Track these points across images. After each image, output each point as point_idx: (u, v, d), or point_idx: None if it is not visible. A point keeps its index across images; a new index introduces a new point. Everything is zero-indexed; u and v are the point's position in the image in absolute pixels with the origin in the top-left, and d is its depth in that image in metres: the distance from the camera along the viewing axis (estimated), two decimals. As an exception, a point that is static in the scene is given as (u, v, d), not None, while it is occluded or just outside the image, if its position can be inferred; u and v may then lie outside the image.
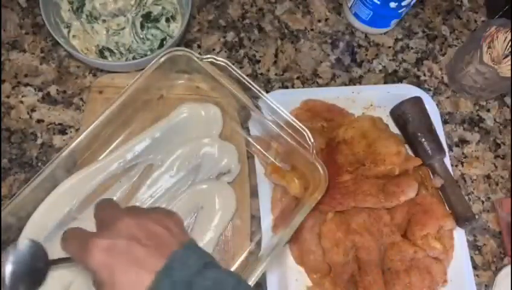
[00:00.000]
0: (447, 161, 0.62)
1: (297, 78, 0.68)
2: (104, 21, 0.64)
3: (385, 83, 0.69)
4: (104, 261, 0.35)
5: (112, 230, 0.37)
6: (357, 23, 0.70)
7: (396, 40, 0.72)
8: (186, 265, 0.35)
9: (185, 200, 0.55)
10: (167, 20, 0.65)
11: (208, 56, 0.53)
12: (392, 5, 0.63)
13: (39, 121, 0.62)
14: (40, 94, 0.63)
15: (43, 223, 0.51)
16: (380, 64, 0.70)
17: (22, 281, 0.47)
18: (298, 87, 0.67)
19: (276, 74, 0.68)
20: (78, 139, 0.50)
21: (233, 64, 0.53)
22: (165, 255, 0.35)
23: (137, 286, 0.34)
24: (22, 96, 0.63)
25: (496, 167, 0.66)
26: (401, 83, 0.69)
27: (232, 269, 0.54)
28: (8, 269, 0.46)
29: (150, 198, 0.55)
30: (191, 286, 0.34)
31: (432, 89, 0.69)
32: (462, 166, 0.66)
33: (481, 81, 0.64)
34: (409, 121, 0.61)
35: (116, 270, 0.35)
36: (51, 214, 0.52)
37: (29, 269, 0.47)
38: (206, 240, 0.54)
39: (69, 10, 0.64)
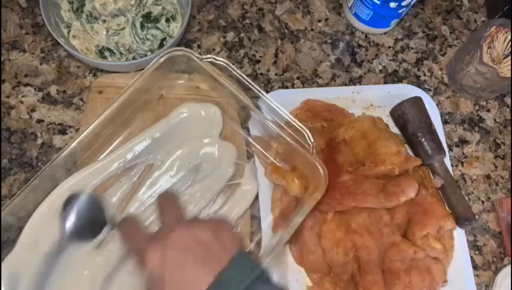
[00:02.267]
0: (447, 161, 0.62)
1: (297, 78, 0.68)
2: (104, 21, 0.64)
3: (385, 83, 0.69)
4: (157, 272, 0.36)
5: (167, 239, 0.38)
6: (357, 23, 0.70)
7: (396, 40, 0.72)
8: (237, 279, 0.35)
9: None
10: (167, 20, 0.65)
11: (208, 56, 0.52)
12: (392, 5, 0.63)
13: (39, 121, 0.62)
14: (40, 94, 0.63)
15: (44, 223, 0.51)
16: (380, 64, 0.70)
17: (81, 230, 0.48)
18: (298, 87, 0.67)
19: (276, 74, 0.68)
20: (78, 139, 0.50)
21: (233, 64, 0.53)
22: (215, 269, 0.35)
23: None
24: (22, 96, 0.63)
25: (496, 167, 0.66)
26: (401, 83, 0.69)
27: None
28: (71, 218, 0.48)
29: (150, 198, 0.55)
30: None
31: (432, 89, 0.69)
32: (462, 166, 0.66)
33: (481, 81, 0.64)
34: (409, 121, 0.61)
35: (167, 282, 0.36)
36: (51, 214, 0.51)
37: (88, 220, 0.49)
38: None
39: (69, 10, 0.64)
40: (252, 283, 0.35)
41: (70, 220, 0.48)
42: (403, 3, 0.63)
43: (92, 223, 0.50)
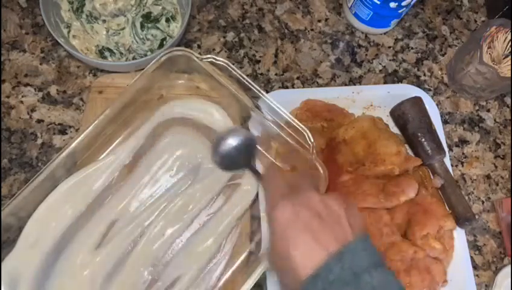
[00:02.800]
0: (447, 161, 0.62)
1: (297, 78, 0.68)
2: (104, 21, 0.64)
3: (385, 83, 0.69)
4: (285, 225, 0.37)
5: (298, 198, 0.39)
6: (357, 23, 0.70)
7: (396, 40, 0.72)
8: (358, 257, 0.36)
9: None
10: (167, 20, 0.65)
11: (208, 56, 0.53)
12: (392, 5, 0.63)
13: (39, 121, 0.62)
14: (40, 94, 0.63)
15: (44, 223, 0.51)
16: (380, 64, 0.70)
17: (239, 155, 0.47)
18: (298, 87, 0.67)
19: (276, 74, 0.68)
20: (78, 139, 0.50)
21: (233, 64, 0.53)
22: (340, 240, 0.36)
23: (309, 258, 0.35)
24: (22, 96, 0.63)
25: (496, 167, 0.66)
26: (401, 83, 0.69)
27: (232, 269, 0.54)
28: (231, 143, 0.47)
29: (150, 198, 0.55)
30: (358, 279, 0.34)
31: (432, 89, 0.69)
32: (462, 166, 0.66)
33: (481, 81, 0.64)
34: (409, 121, 0.61)
35: (293, 236, 0.37)
36: (51, 214, 0.52)
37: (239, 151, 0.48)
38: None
39: (69, 10, 0.64)
40: (372, 266, 0.36)
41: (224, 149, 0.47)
42: (403, 3, 0.63)
43: (240, 156, 0.48)
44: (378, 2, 0.63)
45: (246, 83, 0.52)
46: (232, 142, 0.46)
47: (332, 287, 0.34)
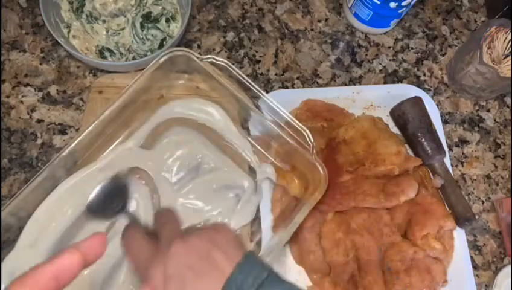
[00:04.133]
0: (447, 161, 0.62)
1: (297, 78, 0.68)
2: (104, 21, 0.64)
3: (385, 83, 0.69)
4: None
5: (166, 256, 0.36)
6: (357, 23, 0.70)
7: (396, 40, 0.72)
8: (247, 285, 0.33)
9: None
10: (167, 20, 0.65)
11: (208, 56, 0.53)
12: (392, 5, 0.63)
13: (39, 121, 0.62)
14: (40, 94, 0.63)
15: (44, 223, 0.51)
16: (380, 64, 0.70)
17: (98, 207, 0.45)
18: (298, 87, 0.67)
19: (276, 74, 0.68)
20: (78, 139, 0.50)
21: (233, 64, 0.53)
22: (221, 280, 0.34)
23: None
24: (22, 96, 0.63)
25: (496, 167, 0.66)
26: (401, 83, 0.69)
27: (232, 269, 0.54)
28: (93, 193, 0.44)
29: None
30: None
31: (431, 89, 0.69)
32: (462, 166, 0.66)
33: (481, 81, 0.64)
34: (409, 121, 0.61)
35: None
36: (51, 214, 0.51)
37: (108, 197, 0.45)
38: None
39: (69, 10, 0.64)
40: (263, 283, 0.34)
41: (92, 195, 0.45)
42: (403, 3, 0.63)
43: (111, 202, 0.46)
44: (378, 2, 0.63)
45: (246, 83, 0.52)
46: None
47: None
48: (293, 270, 0.57)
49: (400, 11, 0.65)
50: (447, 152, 0.62)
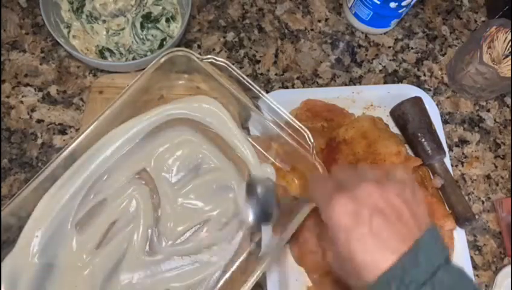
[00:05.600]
0: (447, 161, 0.62)
1: (297, 78, 0.68)
2: (104, 21, 0.64)
3: (385, 83, 0.69)
4: (345, 226, 0.35)
5: (356, 194, 0.35)
6: (357, 23, 0.70)
7: (396, 40, 0.72)
8: (431, 253, 0.33)
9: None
10: (167, 20, 0.65)
11: (208, 56, 0.53)
12: (392, 5, 0.63)
13: (39, 121, 0.62)
14: (40, 94, 0.63)
15: (45, 217, 0.51)
16: (380, 64, 0.70)
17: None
18: (298, 87, 0.67)
19: (276, 74, 0.68)
20: (78, 139, 0.50)
21: (233, 64, 0.53)
22: (408, 240, 0.33)
23: (377, 261, 0.33)
24: (22, 96, 0.63)
25: (496, 167, 0.66)
26: (401, 83, 0.69)
27: (232, 269, 0.54)
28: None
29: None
30: (434, 278, 0.32)
31: (431, 89, 0.69)
32: (462, 166, 0.66)
33: (481, 81, 0.64)
34: (409, 121, 0.61)
35: (354, 240, 0.34)
36: (51, 207, 0.51)
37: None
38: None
39: (69, 10, 0.64)
40: (445, 262, 0.33)
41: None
42: (403, 3, 0.63)
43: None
44: (378, 2, 0.63)
45: (246, 83, 0.52)
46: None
47: (408, 289, 0.31)
48: (293, 270, 0.57)
49: (400, 11, 0.65)
50: (447, 152, 0.62)
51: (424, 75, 0.70)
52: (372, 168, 0.40)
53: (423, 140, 0.60)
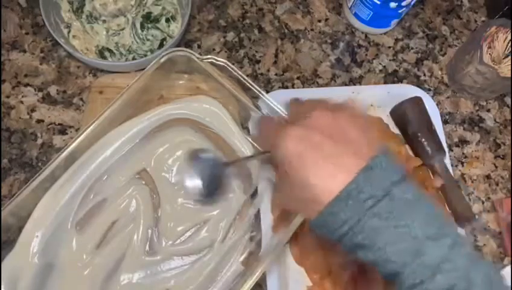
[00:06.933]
0: (447, 161, 0.62)
1: (297, 78, 0.68)
2: (104, 21, 0.64)
3: (385, 83, 0.69)
4: (297, 151, 0.34)
5: (307, 121, 0.35)
6: (357, 23, 0.70)
7: (397, 40, 0.72)
8: (386, 173, 0.32)
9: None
10: (167, 20, 0.65)
11: (208, 56, 0.53)
12: (392, 5, 0.63)
13: (39, 121, 0.62)
14: (40, 94, 0.63)
15: (45, 217, 0.51)
16: (380, 64, 0.70)
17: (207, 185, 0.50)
18: (298, 87, 0.67)
19: (276, 74, 0.68)
20: (78, 139, 0.50)
21: (233, 64, 0.53)
22: (362, 160, 0.32)
23: (331, 181, 0.32)
24: (22, 96, 0.63)
25: (496, 167, 0.66)
26: (401, 83, 0.69)
27: (232, 269, 0.54)
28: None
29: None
30: (390, 196, 0.32)
31: (432, 89, 0.69)
32: (462, 166, 0.66)
33: (481, 81, 0.64)
34: (409, 121, 0.61)
35: (309, 162, 0.33)
36: (51, 207, 0.51)
37: (210, 175, 0.50)
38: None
39: (69, 10, 0.64)
40: (402, 179, 0.32)
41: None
42: (403, 3, 0.63)
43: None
44: (378, 2, 0.63)
45: (246, 83, 0.52)
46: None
47: (364, 206, 0.31)
48: (293, 270, 0.57)
49: (400, 11, 0.65)
50: (447, 152, 0.62)
51: (424, 75, 0.70)
52: (324, 100, 0.39)
53: (423, 140, 0.60)
